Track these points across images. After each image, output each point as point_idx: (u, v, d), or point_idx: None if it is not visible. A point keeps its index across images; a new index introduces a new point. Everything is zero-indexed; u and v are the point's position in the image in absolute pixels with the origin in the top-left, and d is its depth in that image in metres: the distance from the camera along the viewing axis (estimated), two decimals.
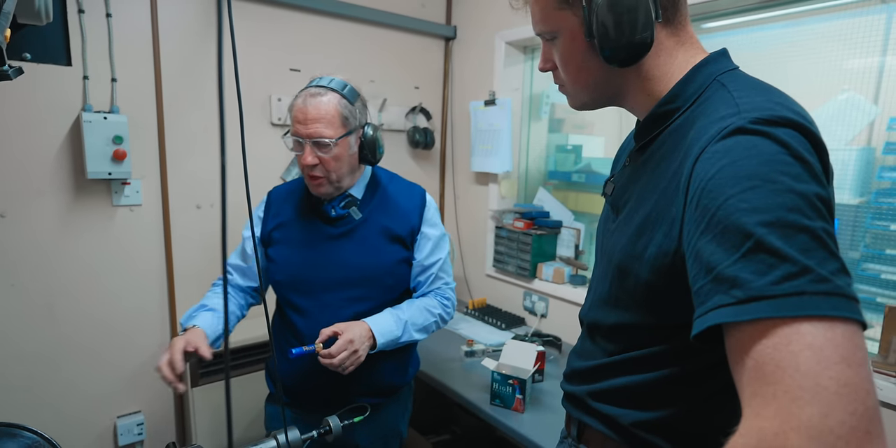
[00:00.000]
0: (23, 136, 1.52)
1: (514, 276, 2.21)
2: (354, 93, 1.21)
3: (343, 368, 1.12)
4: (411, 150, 2.42)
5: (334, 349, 1.11)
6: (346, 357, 1.12)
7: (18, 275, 1.56)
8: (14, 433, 0.67)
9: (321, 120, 1.15)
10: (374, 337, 1.18)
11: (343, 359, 1.12)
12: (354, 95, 1.21)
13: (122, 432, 1.75)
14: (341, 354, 1.11)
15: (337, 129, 1.16)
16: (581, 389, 0.80)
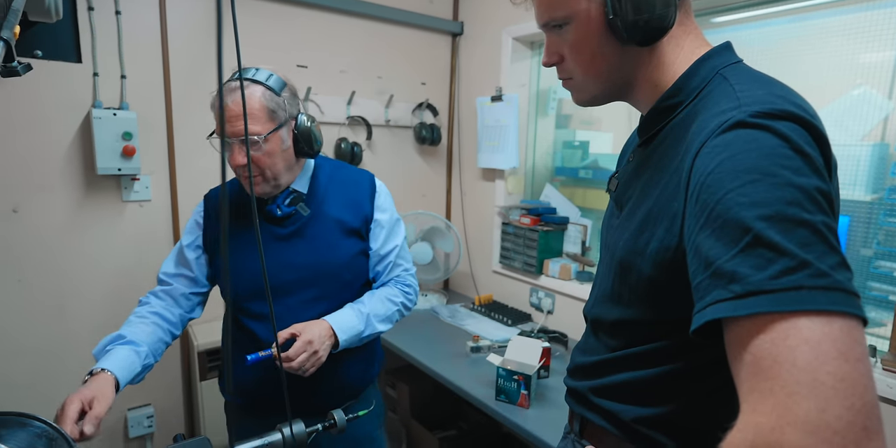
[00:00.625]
0: (34, 133, 1.55)
1: (520, 273, 2.21)
2: (280, 83, 1.11)
3: (303, 371, 1.07)
4: (418, 146, 2.42)
5: (292, 352, 1.05)
6: (305, 359, 1.06)
7: (26, 270, 1.59)
8: (24, 422, 0.68)
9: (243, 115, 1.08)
10: (335, 335, 1.13)
11: (302, 361, 1.06)
12: (280, 86, 1.11)
13: (132, 425, 1.77)
14: (300, 357, 1.06)
15: (264, 124, 1.08)
16: (583, 385, 0.80)
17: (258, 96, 1.07)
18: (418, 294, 1.37)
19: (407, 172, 2.41)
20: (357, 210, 1.24)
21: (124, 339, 1.07)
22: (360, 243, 1.25)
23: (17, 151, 1.53)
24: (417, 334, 1.99)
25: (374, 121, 2.23)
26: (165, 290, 1.22)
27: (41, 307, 1.62)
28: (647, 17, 0.62)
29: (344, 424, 1.00)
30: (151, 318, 1.16)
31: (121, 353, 1.03)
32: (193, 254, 1.23)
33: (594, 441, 0.80)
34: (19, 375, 1.60)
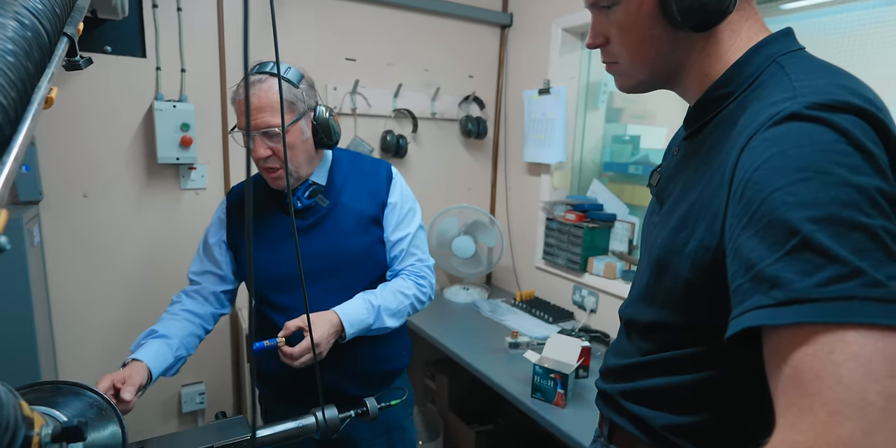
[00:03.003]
0: (103, 123, 1.65)
1: (563, 270, 2.16)
2: (298, 75, 1.13)
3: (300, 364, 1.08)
4: (463, 139, 2.41)
5: (297, 351, 1.06)
6: (307, 360, 1.07)
7: (95, 250, 1.71)
8: (78, 392, 0.73)
9: (265, 108, 1.07)
10: (343, 329, 1.12)
11: (304, 362, 1.07)
12: (298, 78, 1.13)
13: (185, 400, 1.88)
14: (303, 358, 1.06)
15: (285, 116, 1.09)
16: (614, 388, 0.78)
17: (276, 89, 1.08)
18: (434, 287, 1.34)
19: (452, 166, 2.41)
20: (373, 198, 1.24)
21: (156, 333, 1.13)
22: (379, 232, 1.25)
23: (89, 141, 1.64)
24: (457, 327, 2.00)
25: (420, 113, 2.24)
26: (195, 289, 1.26)
27: (107, 286, 1.74)
28: (705, 0, 0.58)
29: (376, 412, 1.01)
30: (182, 315, 1.21)
31: (153, 345, 1.08)
32: (219, 250, 1.26)
33: (622, 446, 0.78)
34: (88, 350, 1.73)
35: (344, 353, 1.20)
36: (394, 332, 1.30)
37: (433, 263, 1.35)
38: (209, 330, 1.26)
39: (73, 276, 1.68)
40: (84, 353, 1.72)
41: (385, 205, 1.25)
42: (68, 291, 1.68)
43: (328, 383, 1.20)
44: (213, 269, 1.26)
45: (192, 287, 1.27)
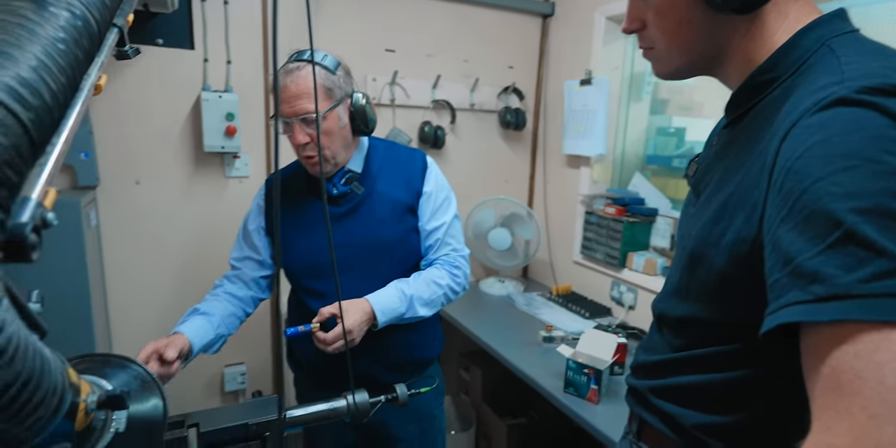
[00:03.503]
0: (155, 113, 1.73)
1: (602, 265, 2.12)
2: (335, 62, 1.14)
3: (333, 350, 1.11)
4: (502, 130, 2.39)
5: (330, 336, 1.08)
6: (339, 346, 1.09)
7: (148, 234, 1.80)
8: (125, 365, 0.77)
9: (303, 95, 1.09)
10: (375, 317, 1.14)
11: (337, 348, 1.09)
12: (335, 65, 1.14)
13: (228, 380, 1.96)
14: (336, 344, 1.09)
15: (322, 102, 1.11)
16: (643, 384, 0.76)
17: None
18: (468, 277, 1.34)
19: (490, 157, 2.40)
20: (408, 187, 1.25)
21: (199, 311, 1.19)
22: (414, 220, 1.26)
23: (141, 130, 1.72)
24: (492, 320, 2.00)
25: (459, 105, 2.23)
26: (236, 274, 1.30)
27: (157, 268, 1.83)
28: None
29: (406, 399, 1.02)
30: (224, 297, 1.26)
31: (195, 321, 1.14)
32: (257, 236, 1.29)
33: (651, 444, 0.76)
34: (140, 327, 1.82)
35: (377, 341, 1.22)
36: (426, 322, 1.31)
37: (468, 253, 1.34)
38: (249, 313, 1.31)
39: (126, 258, 1.78)
40: (136, 330, 1.81)
41: (420, 194, 1.25)
42: (122, 272, 1.78)
43: (361, 370, 1.21)
44: (252, 254, 1.30)
45: (233, 272, 1.31)
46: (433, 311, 1.26)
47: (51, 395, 0.47)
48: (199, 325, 1.13)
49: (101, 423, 0.65)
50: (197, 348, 1.10)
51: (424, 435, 1.38)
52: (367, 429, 1.34)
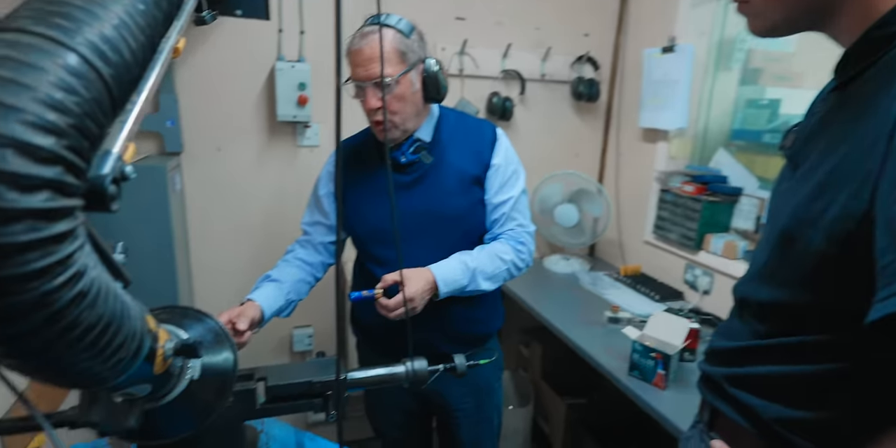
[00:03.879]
0: (234, 83, 1.80)
1: (676, 246, 2.01)
2: (409, 26, 1.13)
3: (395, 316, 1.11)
4: (574, 102, 2.28)
5: (392, 303, 1.09)
6: (401, 313, 1.10)
7: (227, 199, 1.90)
8: (201, 318, 0.82)
9: (377, 59, 1.07)
10: (437, 287, 1.14)
11: (398, 315, 1.10)
12: (409, 29, 1.12)
13: (296, 341, 2.07)
14: (397, 311, 1.09)
15: (395, 65, 1.09)
16: (718, 372, 0.71)
17: (389, 39, 1.09)
18: (532, 254, 1.31)
19: (560, 130, 2.30)
20: (477, 158, 1.22)
21: (270, 277, 1.23)
22: (480, 193, 1.23)
23: (221, 99, 1.80)
24: (555, 297, 1.96)
25: (529, 75, 2.15)
26: (307, 239, 1.34)
27: (235, 232, 1.93)
28: None
29: (464, 370, 1.02)
30: (295, 263, 1.30)
31: (267, 288, 1.18)
32: (327, 202, 1.31)
33: (723, 435, 0.71)
34: (219, 286, 1.94)
35: (438, 312, 1.22)
36: (488, 297, 1.30)
37: (534, 230, 1.31)
38: (319, 278, 1.35)
39: (207, 221, 1.89)
40: (215, 288, 1.93)
41: (489, 166, 1.23)
42: (204, 235, 1.90)
43: (421, 339, 1.22)
44: (321, 220, 1.33)
45: (304, 237, 1.35)
46: (495, 286, 1.24)
47: (130, 339, 0.50)
48: (270, 292, 1.18)
49: (178, 369, 0.69)
50: (268, 315, 1.15)
51: (481, 407, 1.38)
52: (425, 397, 1.36)
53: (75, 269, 0.39)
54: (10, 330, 0.37)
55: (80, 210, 0.40)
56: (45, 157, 0.35)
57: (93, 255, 0.43)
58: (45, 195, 0.35)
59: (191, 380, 0.70)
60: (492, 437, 1.44)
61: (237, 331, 1.04)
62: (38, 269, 0.35)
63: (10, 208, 0.33)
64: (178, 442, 0.78)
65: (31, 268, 0.35)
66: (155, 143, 1.77)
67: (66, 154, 0.37)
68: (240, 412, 0.83)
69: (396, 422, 1.44)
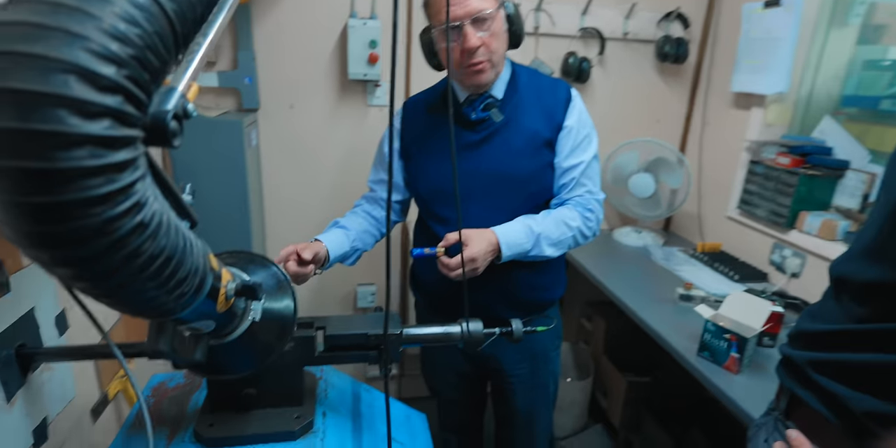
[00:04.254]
0: (308, 41, 1.82)
1: (763, 223, 1.85)
2: None
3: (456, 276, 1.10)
4: (658, 63, 2.11)
5: (454, 262, 1.08)
6: (461, 273, 1.07)
7: (299, 156, 1.95)
8: (266, 264, 0.85)
9: None
10: (500, 249, 1.11)
11: (459, 274, 1.07)
12: None
13: (360, 297, 2.14)
14: (458, 270, 1.07)
15: (488, 1, 1.05)
16: (802, 355, 0.65)
17: None
18: (600, 223, 1.25)
19: (641, 94, 2.15)
20: (549, 119, 1.16)
21: (338, 224, 1.26)
22: (550, 156, 1.18)
23: (297, 55, 1.83)
24: (624, 271, 1.88)
25: (610, 33, 2.00)
26: (372, 195, 1.35)
27: (307, 187, 1.99)
28: None
29: (521, 335, 1.00)
30: (361, 214, 1.32)
31: (334, 232, 1.22)
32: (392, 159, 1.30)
33: (801, 425, 0.65)
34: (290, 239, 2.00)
35: (499, 276, 1.20)
36: (551, 264, 1.27)
37: (603, 198, 1.25)
38: (384, 233, 1.36)
39: (281, 176, 1.96)
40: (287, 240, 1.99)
41: (560, 127, 1.17)
42: (278, 189, 1.97)
43: (480, 302, 1.21)
44: (385, 177, 1.33)
45: (370, 194, 1.37)
46: (560, 253, 1.21)
47: (193, 275, 0.52)
48: (336, 237, 1.21)
49: (242, 310, 0.72)
50: (333, 256, 1.18)
51: (536, 375, 1.37)
52: (480, 360, 1.37)
53: (136, 199, 0.40)
54: (75, 253, 0.38)
55: (141, 142, 0.41)
56: (106, 85, 0.36)
57: (155, 188, 0.44)
58: (106, 123, 0.36)
59: (252, 321, 0.73)
60: (547, 404, 1.43)
61: (302, 260, 1.08)
62: (100, 196, 0.37)
63: (72, 133, 0.34)
64: (242, 379, 0.83)
65: (93, 193, 0.36)
66: (233, 100, 1.84)
67: (126, 84, 0.37)
68: (300, 357, 0.87)
69: (451, 382, 1.46)
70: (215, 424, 0.84)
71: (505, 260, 1.13)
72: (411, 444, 1.07)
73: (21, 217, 0.36)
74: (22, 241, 0.38)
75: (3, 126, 0.33)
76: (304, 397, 0.91)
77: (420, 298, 1.39)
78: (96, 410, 1.10)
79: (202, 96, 1.81)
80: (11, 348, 0.82)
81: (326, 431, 0.89)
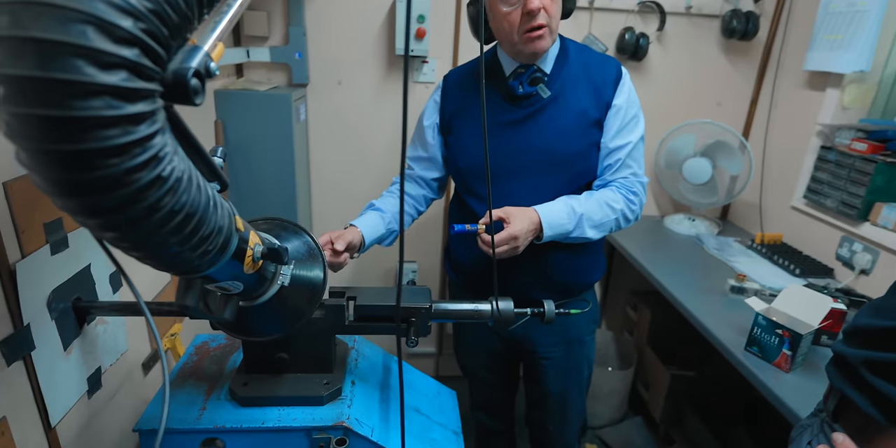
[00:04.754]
0: (357, 17, 1.82)
1: (832, 214, 1.71)
2: None
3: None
4: (723, 40, 1.97)
5: (495, 240, 1.05)
6: (503, 251, 1.05)
7: (345, 131, 1.97)
8: (299, 233, 0.87)
9: None
10: (541, 229, 1.07)
11: (500, 252, 1.05)
12: None
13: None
14: (500, 247, 1.05)
15: None
16: (857, 354, 0.60)
17: None
18: (643, 206, 1.20)
19: (702, 73, 2.02)
20: (597, 96, 1.12)
21: (374, 206, 1.25)
22: (597, 135, 1.13)
23: (345, 32, 1.84)
24: (673, 260, 1.80)
25: (672, 7, 1.89)
26: (409, 173, 1.34)
27: (353, 162, 2.01)
28: None
29: (552, 316, 0.98)
30: (398, 194, 1.30)
31: (369, 216, 1.21)
32: (431, 133, 1.28)
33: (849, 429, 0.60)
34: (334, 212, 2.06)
35: (535, 258, 1.18)
36: (591, 247, 1.23)
37: (647, 181, 1.20)
38: (421, 211, 1.36)
39: (327, 154, 2.00)
40: (332, 214, 2.06)
41: (609, 106, 1.13)
42: (324, 164, 2.01)
43: (515, 283, 1.21)
44: (423, 154, 1.31)
45: (408, 171, 1.35)
46: (601, 235, 1.17)
47: (217, 233, 0.53)
48: (371, 220, 1.21)
49: (272, 274, 0.74)
50: (368, 241, 1.19)
51: (570, 359, 1.34)
52: (513, 341, 1.35)
53: (153, 153, 0.41)
54: (99, 203, 0.40)
55: (159, 97, 0.42)
56: (123, 37, 0.36)
57: (176, 145, 0.45)
58: (122, 74, 0.37)
59: (282, 285, 0.75)
60: (580, 389, 1.40)
61: (335, 251, 1.09)
62: (117, 146, 0.38)
63: (88, 82, 0.35)
64: (275, 343, 0.86)
65: (110, 143, 0.37)
66: (284, 75, 1.87)
67: (143, 37, 0.38)
68: (331, 325, 0.89)
69: (482, 361, 1.46)
70: (249, 384, 0.88)
71: (545, 240, 1.11)
72: (438, 418, 1.08)
73: (48, 165, 0.37)
74: (50, 189, 0.40)
75: (26, 74, 0.34)
76: (334, 365, 0.94)
77: (455, 277, 1.39)
78: (147, 365, 1.18)
79: (254, 71, 1.86)
80: (69, 301, 0.88)
81: (354, 399, 0.91)
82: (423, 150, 1.31)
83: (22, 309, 0.78)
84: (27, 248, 0.79)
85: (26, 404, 0.81)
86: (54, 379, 0.85)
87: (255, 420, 0.83)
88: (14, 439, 0.77)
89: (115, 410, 1.04)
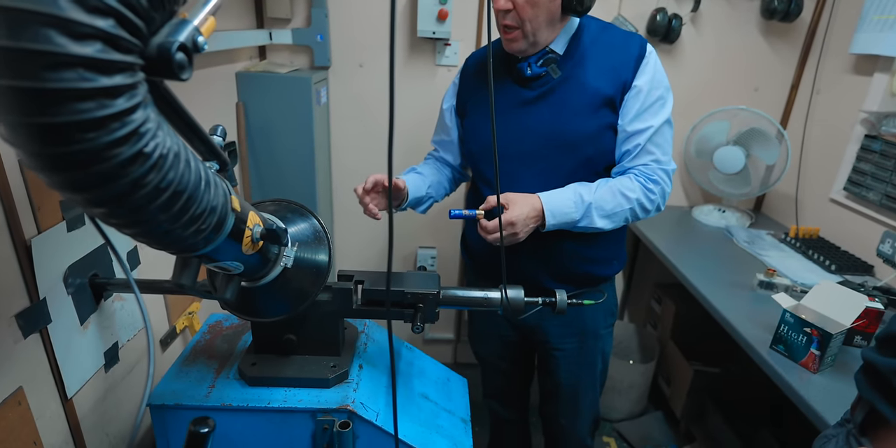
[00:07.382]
0: None
1: (874, 208, 1.62)
2: None
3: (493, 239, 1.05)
4: (763, 22, 1.87)
5: (491, 225, 1.03)
6: (497, 238, 1.02)
7: (367, 114, 1.96)
8: (307, 216, 0.86)
9: None
10: (544, 216, 1.04)
11: (496, 239, 1.02)
12: None
13: (420, 260, 2.17)
14: (495, 234, 1.02)
15: None
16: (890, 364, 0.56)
17: None
18: (666, 196, 1.13)
19: (738, 56, 1.92)
20: (614, 75, 1.06)
21: (415, 170, 1.27)
22: (612, 116, 1.08)
23: (366, 14, 1.81)
24: (700, 252, 1.73)
25: None
26: (435, 154, 1.35)
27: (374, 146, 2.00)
28: None
29: (564, 307, 0.95)
30: (434, 165, 1.32)
31: (411, 176, 1.22)
32: (449, 116, 1.27)
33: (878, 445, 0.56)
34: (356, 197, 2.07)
35: (549, 247, 1.15)
36: (606, 237, 1.18)
37: (673, 169, 1.13)
38: (453, 189, 1.36)
39: (349, 135, 1.99)
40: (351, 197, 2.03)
41: (627, 86, 1.06)
42: (345, 147, 2.00)
43: (526, 272, 1.18)
44: (443, 137, 1.31)
45: (435, 153, 1.37)
46: (614, 226, 1.11)
47: (210, 213, 0.52)
48: (415, 180, 1.21)
49: (275, 256, 0.73)
50: (411, 196, 1.18)
51: (584, 352, 1.31)
52: (526, 330, 1.33)
53: (133, 127, 0.40)
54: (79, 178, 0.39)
55: (139, 70, 0.41)
56: (97, 6, 0.35)
57: (161, 121, 0.44)
58: (97, 46, 0.36)
59: (284, 267, 0.75)
60: (593, 383, 1.37)
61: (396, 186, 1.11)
62: (93, 119, 0.37)
63: (60, 53, 0.34)
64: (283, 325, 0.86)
65: (85, 117, 0.36)
66: (306, 57, 1.87)
67: (119, 7, 0.37)
68: (338, 309, 0.88)
69: (495, 349, 1.45)
70: (257, 364, 0.89)
71: (549, 229, 1.07)
72: (447, 405, 1.08)
73: (26, 138, 0.37)
74: (32, 163, 0.39)
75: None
76: (342, 348, 0.94)
77: (469, 263, 1.37)
78: (164, 341, 1.20)
79: (277, 53, 1.86)
80: (86, 277, 0.91)
81: (360, 383, 0.91)
82: (444, 134, 1.31)
83: (38, 283, 0.80)
84: (43, 224, 0.81)
85: (43, 375, 0.84)
86: (70, 352, 0.88)
87: (261, 400, 0.84)
88: (31, 409, 0.80)
89: (131, 384, 1.08)
